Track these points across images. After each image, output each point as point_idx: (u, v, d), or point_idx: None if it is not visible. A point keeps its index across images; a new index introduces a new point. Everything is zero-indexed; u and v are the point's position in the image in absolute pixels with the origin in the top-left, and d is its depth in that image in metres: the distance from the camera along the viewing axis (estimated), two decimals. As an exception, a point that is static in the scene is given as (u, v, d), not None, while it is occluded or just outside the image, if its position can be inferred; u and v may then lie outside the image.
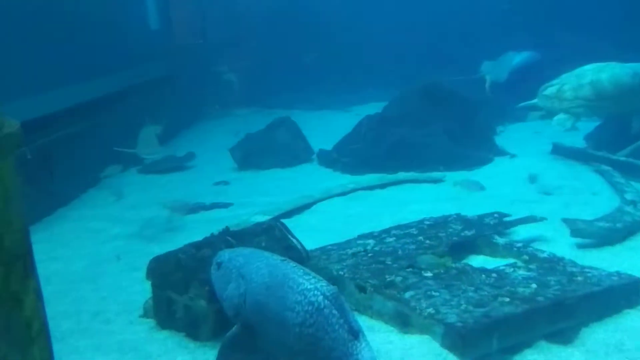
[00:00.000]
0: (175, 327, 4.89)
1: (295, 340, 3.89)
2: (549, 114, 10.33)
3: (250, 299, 4.17)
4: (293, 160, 10.70)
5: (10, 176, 2.40)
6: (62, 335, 4.85)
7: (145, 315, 5.17)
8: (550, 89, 10.18)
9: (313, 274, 4.09)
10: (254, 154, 10.66)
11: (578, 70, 9.97)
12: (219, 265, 4.47)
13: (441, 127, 10.68)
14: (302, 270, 4.10)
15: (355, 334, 3.66)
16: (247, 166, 10.54)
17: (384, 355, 4.33)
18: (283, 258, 4.32)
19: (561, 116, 10.06)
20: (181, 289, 4.84)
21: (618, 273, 5.17)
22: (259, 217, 7.26)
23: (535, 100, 10.62)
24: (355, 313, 4.92)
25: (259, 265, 4.25)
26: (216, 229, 5.44)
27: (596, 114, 10.17)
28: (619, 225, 6.66)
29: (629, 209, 7.14)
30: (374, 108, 12.04)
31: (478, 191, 8.35)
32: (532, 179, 8.95)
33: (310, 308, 3.82)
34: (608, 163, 9.09)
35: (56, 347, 4.57)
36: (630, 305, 4.94)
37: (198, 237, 5.31)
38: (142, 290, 5.39)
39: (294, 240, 5.36)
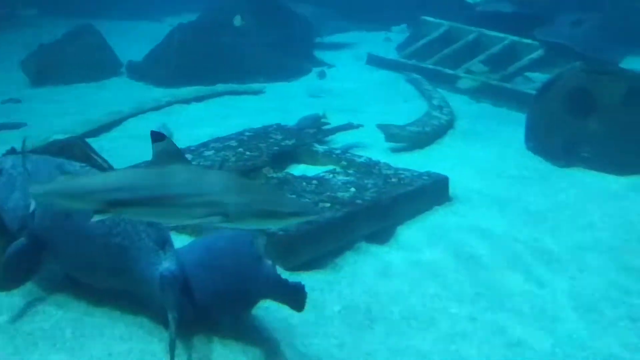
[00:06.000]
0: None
1: (99, 252, 3.53)
2: None
3: (41, 210, 3.63)
4: (98, 74, 9.59)
5: None
6: None
7: None
8: None
9: None
10: (52, 68, 9.35)
11: None
12: (0, 172, 3.82)
13: (261, 36, 10.32)
14: None
15: (161, 243, 3.45)
16: (43, 81, 9.24)
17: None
18: (83, 164, 3.80)
19: None
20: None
21: (428, 173, 5.44)
22: (58, 137, 6.41)
23: None
24: (174, 233, 4.63)
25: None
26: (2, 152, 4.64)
27: None
28: (427, 129, 7.03)
29: (436, 113, 7.57)
30: (188, 18, 11.24)
31: None
32: (347, 91, 9.11)
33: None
34: (418, 71, 9.55)
35: None
36: (440, 202, 5.26)
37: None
38: None
39: (99, 160, 4.76)
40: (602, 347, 3.50)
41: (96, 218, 2.86)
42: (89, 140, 5.67)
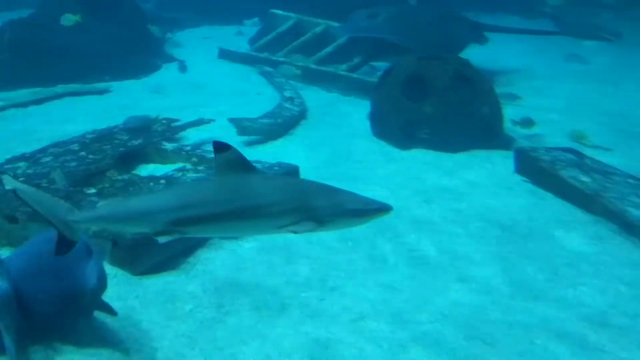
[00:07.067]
0: None
1: None
2: None
3: None
4: None
5: None
6: None
7: None
8: None
9: None
10: None
11: None
12: None
13: (105, 33, 9.82)
14: None
15: None
16: None
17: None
18: None
19: None
20: None
21: (279, 163, 5.52)
22: None
23: None
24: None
25: None
26: None
27: None
28: (279, 120, 7.13)
29: (287, 104, 7.70)
30: (21, 14, 10.39)
31: None
32: (199, 85, 8.98)
33: None
34: (270, 64, 9.63)
35: None
36: (290, 190, 5.36)
37: None
38: None
39: None
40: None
41: (161, 240, 2.68)
42: None
